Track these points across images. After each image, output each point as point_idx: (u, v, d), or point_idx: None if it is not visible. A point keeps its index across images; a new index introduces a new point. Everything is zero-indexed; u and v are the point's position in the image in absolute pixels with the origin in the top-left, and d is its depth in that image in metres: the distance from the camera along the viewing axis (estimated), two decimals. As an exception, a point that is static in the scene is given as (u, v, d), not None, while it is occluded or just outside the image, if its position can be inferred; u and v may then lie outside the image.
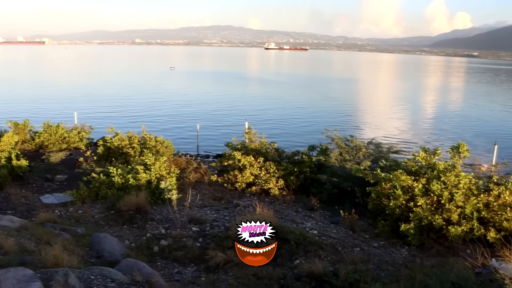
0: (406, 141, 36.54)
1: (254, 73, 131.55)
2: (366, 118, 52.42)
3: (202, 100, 62.07)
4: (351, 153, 18.92)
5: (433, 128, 47.60)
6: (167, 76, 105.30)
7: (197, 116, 45.34)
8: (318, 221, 14.86)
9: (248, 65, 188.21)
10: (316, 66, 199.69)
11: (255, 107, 55.49)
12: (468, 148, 15.10)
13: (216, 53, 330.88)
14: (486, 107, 68.87)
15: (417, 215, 13.11)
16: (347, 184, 16.73)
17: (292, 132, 40.56)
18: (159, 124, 40.42)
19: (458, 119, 54.45)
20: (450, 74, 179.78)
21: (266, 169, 18.41)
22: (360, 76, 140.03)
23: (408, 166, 14.96)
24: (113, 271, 7.76)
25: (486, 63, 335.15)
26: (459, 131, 44.33)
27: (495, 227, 13.14)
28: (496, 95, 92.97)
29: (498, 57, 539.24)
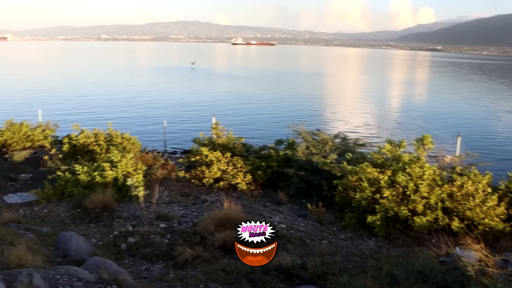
0: (372, 134, 37.00)
1: (221, 69, 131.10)
2: (333, 112, 52.83)
3: (169, 96, 61.58)
4: (318, 147, 19.06)
5: (398, 121, 48.28)
6: (132, 73, 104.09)
7: (164, 113, 44.96)
8: (286, 215, 14.94)
9: (215, 61, 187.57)
10: (283, 61, 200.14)
11: (222, 103, 55.32)
12: (432, 140, 15.36)
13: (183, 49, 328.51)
14: (450, 100, 70.20)
15: (383, 206, 13.31)
16: (314, 178, 16.86)
17: (259, 127, 40.60)
18: (126, 121, 39.94)
19: (423, 112, 55.38)
20: (415, 68, 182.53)
21: (234, 164, 18.42)
22: (327, 70, 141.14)
23: (374, 159, 15.15)
24: (79, 270, 7.66)
25: (450, 57, 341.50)
26: (424, 124, 45.07)
27: (458, 216, 13.45)
28: (459, 88, 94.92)
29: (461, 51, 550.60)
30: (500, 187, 15.37)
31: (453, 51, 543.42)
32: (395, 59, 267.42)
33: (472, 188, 13.83)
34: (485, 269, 9.07)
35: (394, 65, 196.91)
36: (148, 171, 18.54)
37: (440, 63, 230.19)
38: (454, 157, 17.72)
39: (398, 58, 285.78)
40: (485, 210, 13.54)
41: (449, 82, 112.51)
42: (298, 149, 18.97)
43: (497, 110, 60.13)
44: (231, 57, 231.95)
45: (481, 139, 38.79)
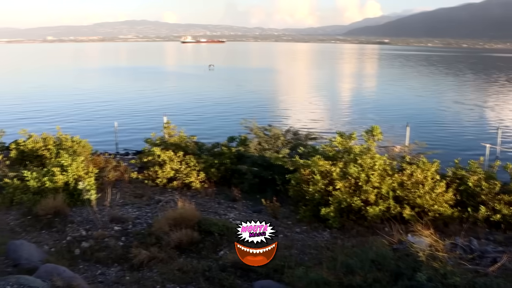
0: (323, 127, 37.50)
1: (171, 67, 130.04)
2: (284, 107, 53.26)
3: (119, 97, 60.72)
4: (270, 142, 19.19)
5: (349, 113, 49.13)
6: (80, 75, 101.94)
7: (115, 114, 44.28)
8: (241, 211, 14.99)
9: (165, 60, 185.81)
10: (233, 58, 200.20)
11: (173, 102, 54.99)
12: (381, 131, 15.69)
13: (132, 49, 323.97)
14: (399, 91, 71.87)
15: (336, 198, 13.50)
16: (267, 173, 16.97)
17: (211, 124, 40.56)
18: (76, 124, 39.20)
19: (373, 104, 56.52)
20: (364, 61, 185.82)
21: (187, 163, 18.33)
22: (277, 66, 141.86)
23: (326, 152, 15.36)
24: (31, 279, 7.48)
25: (397, 49, 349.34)
26: (374, 116, 45.99)
27: (409, 204, 13.81)
28: (407, 79, 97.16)
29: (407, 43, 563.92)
30: (448, 174, 15.87)
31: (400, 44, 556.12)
32: (344, 53, 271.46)
33: (421, 176, 14.22)
34: (435, 253, 9.35)
35: (344, 59, 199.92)
36: (100, 174, 18.20)
37: (388, 55, 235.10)
38: (403, 147, 18.18)
39: (347, 52, 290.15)
40: (434, 197, 13.95)
41: (397, 74, 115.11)
42: (251, 145, 19.06)
43: (444, 100, 61.95)
44: (181, 55, 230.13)
45: (430, 129, 39.92)
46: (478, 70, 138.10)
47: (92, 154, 21.98)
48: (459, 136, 38.18)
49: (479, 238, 12.53)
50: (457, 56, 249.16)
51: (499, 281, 8.08)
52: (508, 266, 9.71)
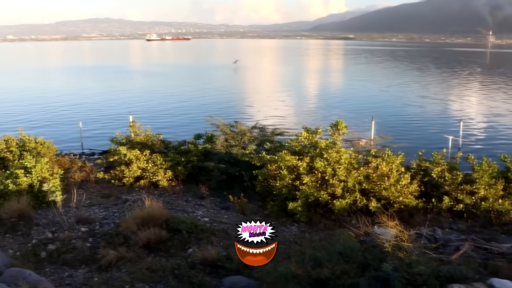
0: (290, 123, 37.66)
1: (136, 66, 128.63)
2: (250, 103, 53.33)
3: (83, 96, 59.68)
4: (237, 139, 19.23)
5: (315, 108, 49.50)
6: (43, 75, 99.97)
7: (79, 114, 43.56)
8: (209, 208, 15.00)
9: (129, 58, 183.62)
10: (199, 55, 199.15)
11: (139, 100, 54.52)
12: (347, 125, 15.87)
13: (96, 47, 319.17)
14: (365, 86, 72.69)
15: (303, 192, 13.63)
16: (234, 169, 17.01)
17: (177, 122, 40.41)
18: (39, 125, 38.52)
19: (339, 99, 57.12)
20: (329, 57, 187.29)
21: (153, 161, 18.24)
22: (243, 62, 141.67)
23: (292, 147, 15.47)
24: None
25: (362, 45, 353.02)
26: (340, 110, 46.42)
27: (375, 196, 14.06)
28: (372, 74, 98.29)
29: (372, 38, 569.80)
30: (412, 166, 16.22)
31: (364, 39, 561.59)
32: (309, 48, 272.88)
33: (387, 169, 14.47)
34: (400, 244, 9.53)
35: (309, 55, 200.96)
36: (66, 175, 17.96)
37: (353, 51, 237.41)
38: (368, 141, 18.44)
39: (313, 47, 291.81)
40: (400, 188, 14.23)
41: (362, 69, 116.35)
42: (217, 142, 19.08)
43: (408, 94, 62.96)
44: (146, 53, 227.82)
45: (394, 122, 40.52)
46: (441, 64, 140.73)
47: (56, 155, 21.65)
48: (423, 129, 38.87)
49: (443, 228, 12.84)
50: (420, 51, 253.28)
51: (462, 268, 8.31)
52: (470, 253, 9.98)
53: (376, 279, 7.88)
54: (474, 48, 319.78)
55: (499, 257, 10.12)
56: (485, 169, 15.43)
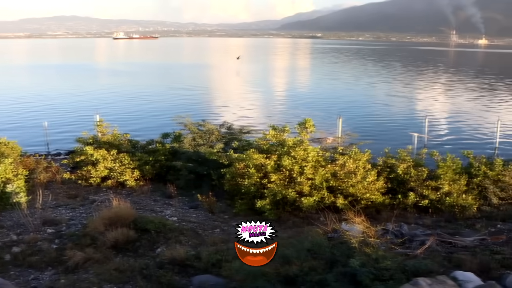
0: (258, 122, 37.67)
1: (103, 64, 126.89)
2: (219, 102, 53.23)
3: (49, 96, 58.54)
4: (204, 137, 19.21)
5: (283, 107, 49.68)
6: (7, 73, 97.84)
7: (44, 114, 42.75)
8: (177, 207, 14.95)
9: (96, 56, 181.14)
10: (166, 53, 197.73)
11: (106, 100, 53.74)
12: (315, 123, 16.00)
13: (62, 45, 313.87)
14: (332, 84, 73.32)
15: (271, 191, 13.69)
16: (202, 168, 17.00)
17: (145, 121, 40.09)
18: (3, 125, 37.64)
19: (307, 97, 57.44)
20: (297, 55, 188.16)
21: (121, 161, 18.08)
22: (211, 61, 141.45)
23: (260, 145, 15.53)
24: (-43, 288, 7.19)
25: (329, 43, 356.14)
26: (308, 109, 46.67)
27: (343, 193, 14.24)
28: (340, 73, 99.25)
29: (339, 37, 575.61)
30: (379, 163, 16.48)
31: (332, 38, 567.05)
32: (277, 47, 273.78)
33: (353, 166, 14.67)
34: (367, 240, 9.69)
35: (277, 53, 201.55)
36: (31, 176, 17.69)
37: (320, 49, 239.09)
38: (335, 138, 18.64)
39: (280, 46, 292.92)
40: (366, 185, 14.44)
41: (330, 67, 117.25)
42: (185, 141, 19.03)
43: (375, 93, 63.77)
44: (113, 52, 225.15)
45: (361, 120, 40.96)
46: (407, 63, 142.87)
47: (21, 155, 21.25)
48: (389, 127, 39.41)
49: (409, 223, 13.08)
50: (387, 50, 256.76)
51: (427, 262, 8.50)
52: (435, 247, 10.20)
53: (344, 275, 7.99)
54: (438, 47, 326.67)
55: (462, 250, 10.38)
56: (449, 165, 15.80)
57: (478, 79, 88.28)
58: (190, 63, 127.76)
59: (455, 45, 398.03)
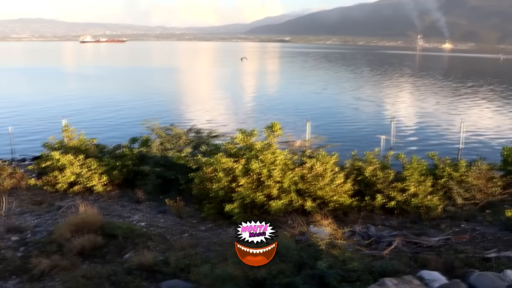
0: (226, 126, 37.69)
1: (69, 68, 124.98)
2: (187, 107, 53.13)
3: (13, 100, 57.32)
4: (172, 142, 19.12)
5: (252, 111, 49.78)
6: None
7: (9, 119, 41.79)
8: (145, 212, 14.86)
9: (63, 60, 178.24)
10: (134, 57, 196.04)
11: (73, 104, 52.95)
12: (282, 127, 16.07)
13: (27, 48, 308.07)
14: (300, 88, 73.76)
15: (239, 194, 13.70)
16: (170, 173, 16.92)
17: (113, 126, 39.71)
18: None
19: (275, 101, 57.65)
20: (266, 59, 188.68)
21: (88, 166, 17.87)
22: (180, 65, 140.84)
23: (228, 149, 15.51)
24: None
25: (298, 47, 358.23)
26: (276, 112, 46.89)
27: (311, 196, 14.34)
28: (308, 76, 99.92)
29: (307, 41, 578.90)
30: (346, 165, 16.65)
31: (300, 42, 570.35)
32: (246, 51, 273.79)
33: (321, 169, 14.78)
34: (334, 242, 9.78)
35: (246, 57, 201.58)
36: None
37: (289, 53, 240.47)
38: (303, 142, 18.76)
39: (249, 50, 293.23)
40: (334, 188, 14.58)
41: (298, 71, 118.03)
42: (153, 146, 18.93)
43: (343, 96, 64.46)
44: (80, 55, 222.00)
45: (329, 124, 41.38)
46: (374, 66, 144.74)
47: (-16, 162, 20.85)
48: (357, 130, 39.90)
49: (376, 224, 13.26)
50: (354, 53, 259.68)
51: (393, 263, 8.65)
52: (401, 248, 10.37)
53: (312, 277, 8.06)
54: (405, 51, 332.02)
55: (428, 250, 10.58)
56: (415, 167, 16.08)
57: (443, 82, 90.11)
58: (159, 67, 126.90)
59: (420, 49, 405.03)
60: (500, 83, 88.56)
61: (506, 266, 9.16)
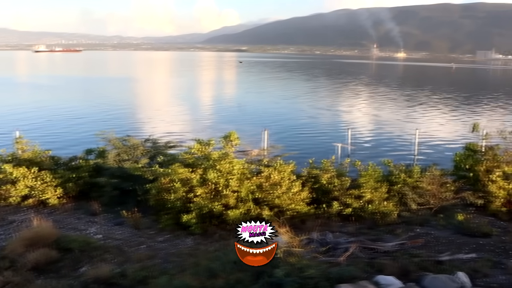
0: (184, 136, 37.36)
1: (23, 78, 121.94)
2: (144, 117, 52.63)
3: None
4: (129, 153, 18.89)
5: (209, 121, 49.70)
6: None
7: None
8: (102, 225, 14.63)
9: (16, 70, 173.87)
10: (91, 67, 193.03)
11: (26, 115, 51.63)
12: (240, 136, 16.14)
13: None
14: (257, 98, 74.16)
15: (197, 204, 13.68)
16: (127, 184, 16.72)
17: (68, 137, 38.93)
18: None
19: (232, 111, 57.77)
20: (223, 69, 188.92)
21: (42, 179, 17.43)
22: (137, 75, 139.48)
23: (185, 159, 15.47)
24: None
25: (255, 57, 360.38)
26: (233, 122, 46.91)
27: (268, 205, 14.41)
28: (265, 86, 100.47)
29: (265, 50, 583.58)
30: (303, 174, 16.80)
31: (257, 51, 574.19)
32: (203, 61, 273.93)
33: (278, 178, 14.89)
34: (292, 249, 9.85)
35: (203, 67, 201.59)
36: None
37: (246, 63, 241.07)
38: (261, 151, 18.83)
39: (206, 59, 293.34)
40: (291, 196, 14.71)
41: (256, 81, 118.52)
42: (109, 157, 18.66)
43: (300, 105, 65.07)
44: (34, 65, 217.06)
45: (287, 132, 41.68)
46: (331, 75, 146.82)
47: None
48: (314, 138, 40.32)
49: (333, 231, 13.41)
50: (311, 62, 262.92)
51: (350, 269, 8.78)
52: (358, 254, 10.53)
53: (270, 285, 8.09)
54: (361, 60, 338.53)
55: (384, 255, 10.77)
56: (370, 174, 16.37)
57: (399, 90, 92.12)
58: (116, 77, 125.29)
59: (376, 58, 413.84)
60: (453, 91, 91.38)
61: (458, 268, 9.45)
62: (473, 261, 10.33)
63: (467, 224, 13.99)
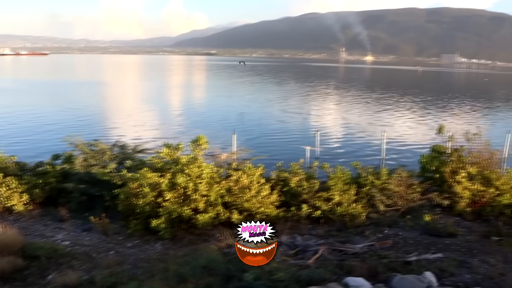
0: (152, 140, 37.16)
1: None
2: (112, 121, 51.95)
3: None
4: (97, 157, 18.68)
5: (178, 125, 49.43)
6: None
7: None
8: (69, 231, 14.43)
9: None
10: (58, 71, 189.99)
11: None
12: (209, 140, 16.11)
13: None
14: (226, 101, 74.12)
15: (166, 209, 13.63)
16: (95, 189, 16.55)
17: (34, 142, 38.20)
18: None
19: (201, 115, 57.55)
20: (192, 73, 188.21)
21: (7, 185, 17.11)
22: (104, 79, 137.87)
23: (154, 163, 15.40)
24: None
25: (224, 60, 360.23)
26: (202, 126, 46.75)
27: (238, 209, 14.45)
28: (235, 90, 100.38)
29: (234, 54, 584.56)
30: (272, 177, 16.88)
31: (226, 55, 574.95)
32: (172, 64, 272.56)
33: (247, 181, 14.93)
34: (261, 253, 9.86)
35: (172, 71, 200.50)
36: None
37: (215, 66, 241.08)
38: (230, 154, 18.83)
39: (175, 63, 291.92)
40: (261, 199, 14.76)
41: (225, 84, 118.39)
42: (76, 162, 18.42)
43: (269, 108, 65.28)
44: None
45: (256, 136, 41.75)
46: (300, 79, 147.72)
47: None
48: (283, 142, 40.46)
49: (303, 234, 13.50)
50: (280, 66, 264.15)
51: (319, 271, 8.86)
52: (327, 256, 10.62)
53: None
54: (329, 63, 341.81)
55: (353, 257, 10.88)
56: (339, 176, 16.54)
57: (367, 93, 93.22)
58: (83, 81, 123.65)
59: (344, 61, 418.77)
60: (419, 94, 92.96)
61: (425, 268, 9.62)
62: (440, 261, 10.50)
63: (433, 225, 14.24)
